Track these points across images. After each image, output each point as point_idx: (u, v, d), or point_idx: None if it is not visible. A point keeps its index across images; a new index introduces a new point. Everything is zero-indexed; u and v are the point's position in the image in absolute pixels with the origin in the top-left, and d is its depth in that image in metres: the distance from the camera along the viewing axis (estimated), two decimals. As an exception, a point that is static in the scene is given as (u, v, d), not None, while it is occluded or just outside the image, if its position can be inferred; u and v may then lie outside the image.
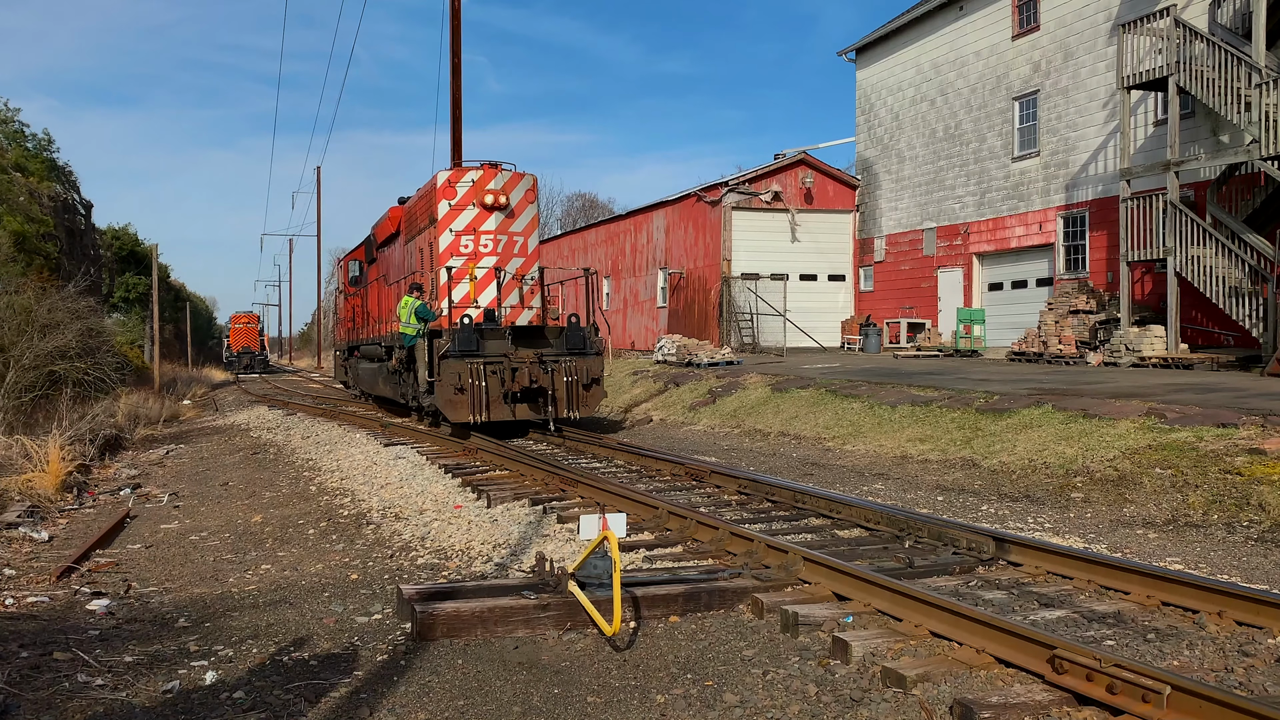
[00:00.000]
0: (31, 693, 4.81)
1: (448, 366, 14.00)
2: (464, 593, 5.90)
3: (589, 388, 14.83)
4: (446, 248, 15.49)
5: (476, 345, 14.10)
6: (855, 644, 4.97)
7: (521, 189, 15.91)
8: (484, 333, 14.40)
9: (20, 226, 26.65)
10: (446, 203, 15.48)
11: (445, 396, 14.02)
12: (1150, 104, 21.30)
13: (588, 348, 14.85)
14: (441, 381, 14.07)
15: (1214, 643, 5.02)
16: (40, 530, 9.53)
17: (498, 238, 15.64)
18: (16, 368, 17.42)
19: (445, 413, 14.11)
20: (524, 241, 15.93)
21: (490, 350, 14.29)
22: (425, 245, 16.58)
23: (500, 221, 15.65)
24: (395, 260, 19.70)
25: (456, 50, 21.32)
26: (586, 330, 14.99)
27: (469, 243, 15.51)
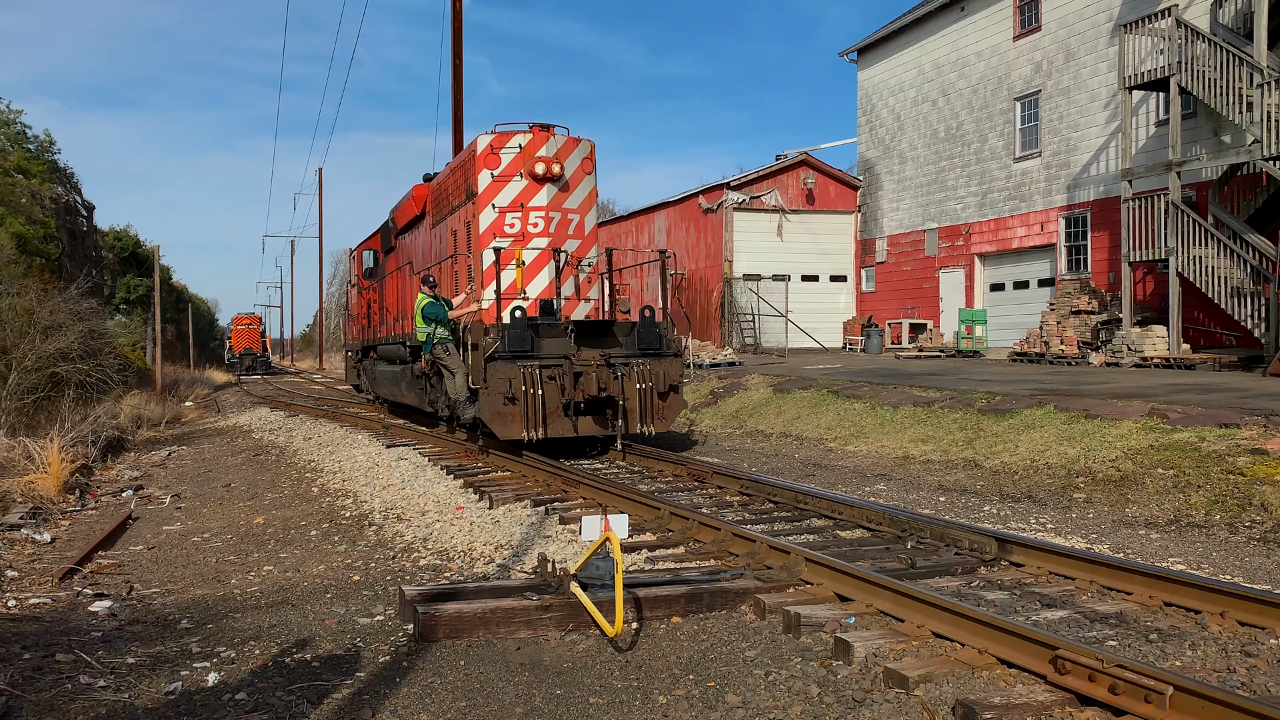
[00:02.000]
0: (34, 694, 4.82)
1: (496, 371, 11.45)
2: (466, 594, 5.91)
3: (665, 396, 12.24)
4: (488, 227, 13.02)
5: (531, 345, 11.60)
6: (857, 645, 4.96)
7: (577, 156, 13.30)
8: (539, 329, 11.82)
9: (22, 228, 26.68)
10: (488, 173, 12.98)
11: (493, 408, 11.48)
12: (1152, 104, 21.29)
13: (664, 347, 12.34)
14: (489, 390, 11.47)
15: (1216, 643, 5.01)
16: (42, 532, 9.54)
17: (550, 215, 13.08)
18: (19, 369, 17.44)
19: (492, 428, 11.55)
20: (580, 220, 13.36)
21: (547, 351, 11.76)
22: (460, 225, 14.01)
23: (553, 195, 13.09)
24: (420, 246, 17.10)
25: (458, 52, 21.34)
26: (663, 326, 12.39)
27: (515, 221, 13.00)
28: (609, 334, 12.37)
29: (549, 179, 13.02)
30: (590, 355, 11.82)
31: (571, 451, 12.76)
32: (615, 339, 12.32)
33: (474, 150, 13.28)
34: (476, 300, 13.06)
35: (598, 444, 12.98)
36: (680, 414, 12.79)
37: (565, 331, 11.95)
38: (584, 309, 13.44)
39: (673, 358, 12.43)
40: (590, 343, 12.08)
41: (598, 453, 12.90)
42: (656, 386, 12.08)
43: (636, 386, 11.94)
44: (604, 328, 12.43)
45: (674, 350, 12.51)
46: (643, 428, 11.98)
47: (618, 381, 11.80)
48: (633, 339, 12.27)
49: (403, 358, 16.94)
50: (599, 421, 12.03)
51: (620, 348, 12.23)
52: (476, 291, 13.12)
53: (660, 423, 12.16)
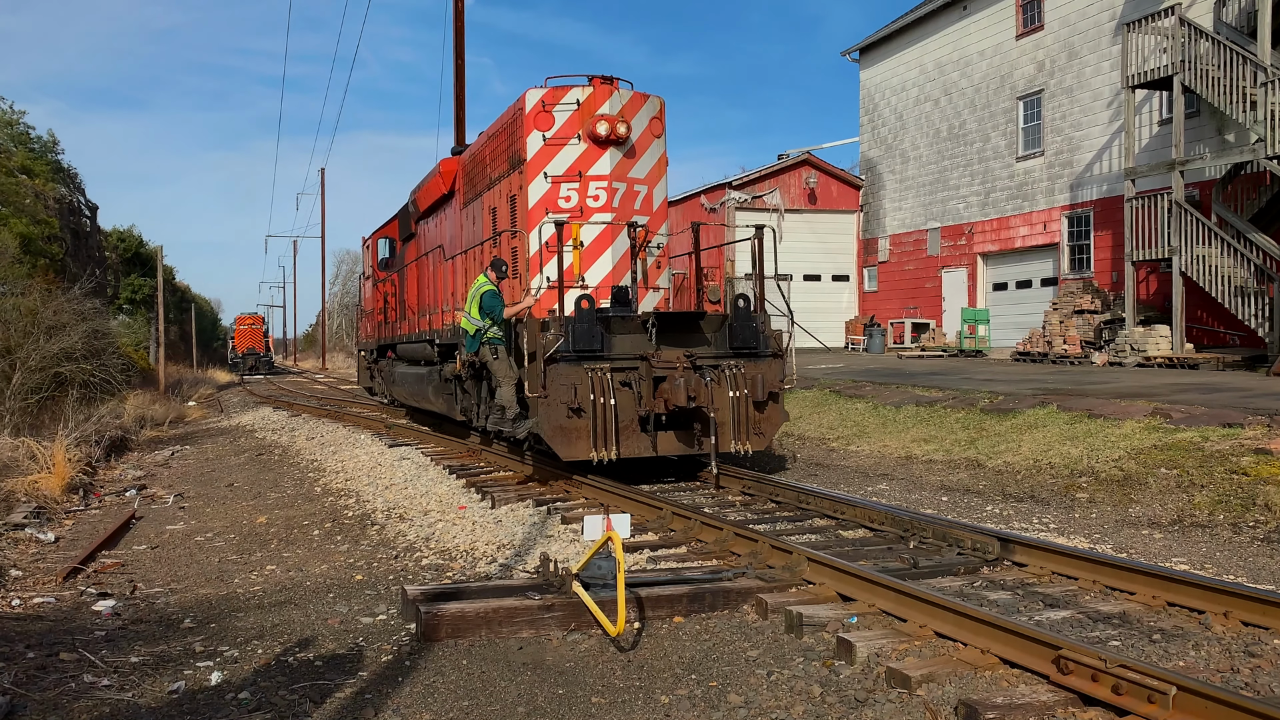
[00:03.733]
0: (38, 693, 4.83)
1: (558, 375, 9.35)
2: (468, 593, 5.91)
3: (763, 407, 10.05)
4: (539, 201, 10.78)
5: (601, 342, 9.55)
6: (859, 645, 4.96)
7: (645, 115, 11.05)
8: (610, 323, 9.70)
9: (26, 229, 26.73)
10: (539, 135, 10.77)
11: (554, 421, 9.31)
12: (1155, 103, 21.25)
13: (761, 346, 10.20)
14: (549, 400, 9.32)
15: (1220, 643, 5.01)
16: (46, 531, 9.56)
17: (613, 185, 10.80)
18: (23, 369, 17.47)
19: (553, 446, 9.38)
20: (648, 192, 11.16)
21: (619, 350, 9.69)
22: (502, 201, 11.89)
23: (617, 162, 10.84)
24: (449, 229, 14.92)
25: (460, 52, 21.35)
26: (760, 319, 10.27)
27: (571, 193, 10.76)
28: (695, 329, 10.16)
29: (612, 141, 10.74)
30: (672, 355, 9.65)
31: (642, 474, 10.52)
32: (702, 335, 10.18)
33: (521, 108, 10.94)
34: (525, 290, 10.96)
35: (670, 466, 10.98)
36: (780, 429, 10.52)
37: (643, 326, 9.87)
38: (652, 300, 11.28)
39: (771, 359, 10.27)
40: (670, 340, 9.92)
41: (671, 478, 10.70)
42: (753, 394, 9.90)
43: (729, 394, 9.74)
44: (689, 321, 10.17)
45: (773, 349, 10.34)
46: (737, 445, 9.80)
47: (707, 388, 9.50)
48: (723, 335, 10.14)
49: (428, 358, 14.87)
50: (683, 438, 9.80)
51: (708, 346, 10.13)
52: (524, 280, 11.08)
53: (758, 439, 10.00)
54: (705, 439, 9.69)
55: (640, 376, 9.60)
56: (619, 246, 10.91)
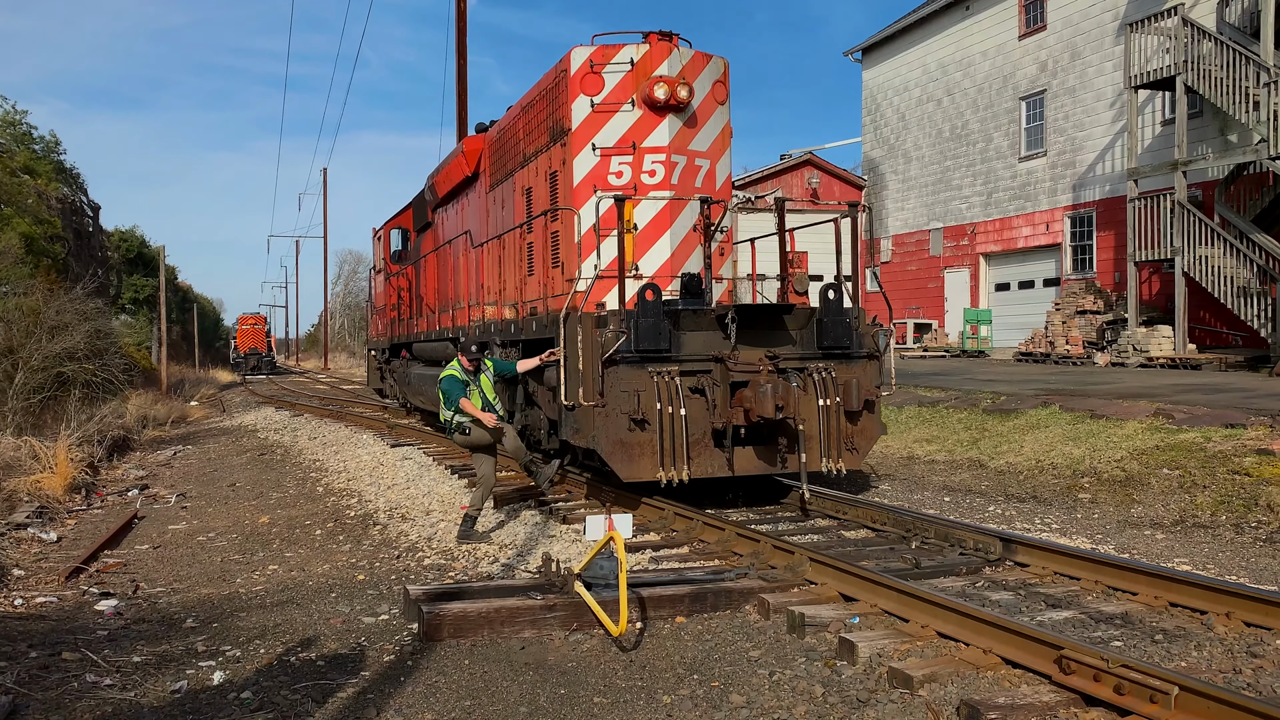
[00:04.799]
0: (40, 692, 4.83)
1: (618, 380, 7.97)
2: (470, 593, 5.92)
3: (856, 418, 8.61)
4: (586, 177, 9.28)
5: (669, 341, 8.14)
6: (862, 645, 4.96)
7: (708, 78, 9.60)
8: (679, 318, 8.26)
9: (28, 229, 26.76)
10: (586, 101, 9.32)
11: (613, 435, 7.94)
12: (1158, 103, 21.24)
13: (855, 345, 8.76)
14: (607, 410, 7.94)
15: (1222, 644, 5.00)
16: (49, 531, 9.57)
17: (672, 159, 9.31)
18: (25, 369, 17.49)
19: (612, 464, 8.00)
20: (710, 167, 9.65)
21: (690, 349, 8.25)
22: (539, 180, 10.33)
23: (676, 131, 9.35)
24: (472, 216, 13.42)
25: (462, 52, 21.36)
26: (853, 313, 8.82)
27: (624, 168, 9.27)
28: (778, 325, 8.61)
29: (671, 108, 9.25)
30: (752, 357, 8.27)
31: (703, 494, 9.06)
32: (786, 332, 8.64)
33: (564, 70, 9.48)
34: (568, 279, 9.48)
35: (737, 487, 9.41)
36: (875, 443, 9.06)
37: (717, 322, 8.35)
38: (715, 292, 9.74)
39: (866, 360, 8.84)
40: (747, 338, 8.37)
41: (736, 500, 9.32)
42: (846, 403, 8.44)
43: (819, 403, 8.35)
44: (773, 316, 8.60)
45: (868, 350, 8.89)
46: (826, 464, 8.34)
47: (793, 396, 8.11)
48: (809, 333, 8.66)
49: (448, 357, 13.39)
50: (764, 455, 8.38)
51: (793, 345, 8.60)
52: (566, 270, 9.55)
53: (850, 456, 8.56)
54: (790, 456, 8.33)
55: (714, 381, 8.20)
56: (679, 229, 9.32)
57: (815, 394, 8.39)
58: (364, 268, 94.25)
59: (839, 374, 8.57)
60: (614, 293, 8.47)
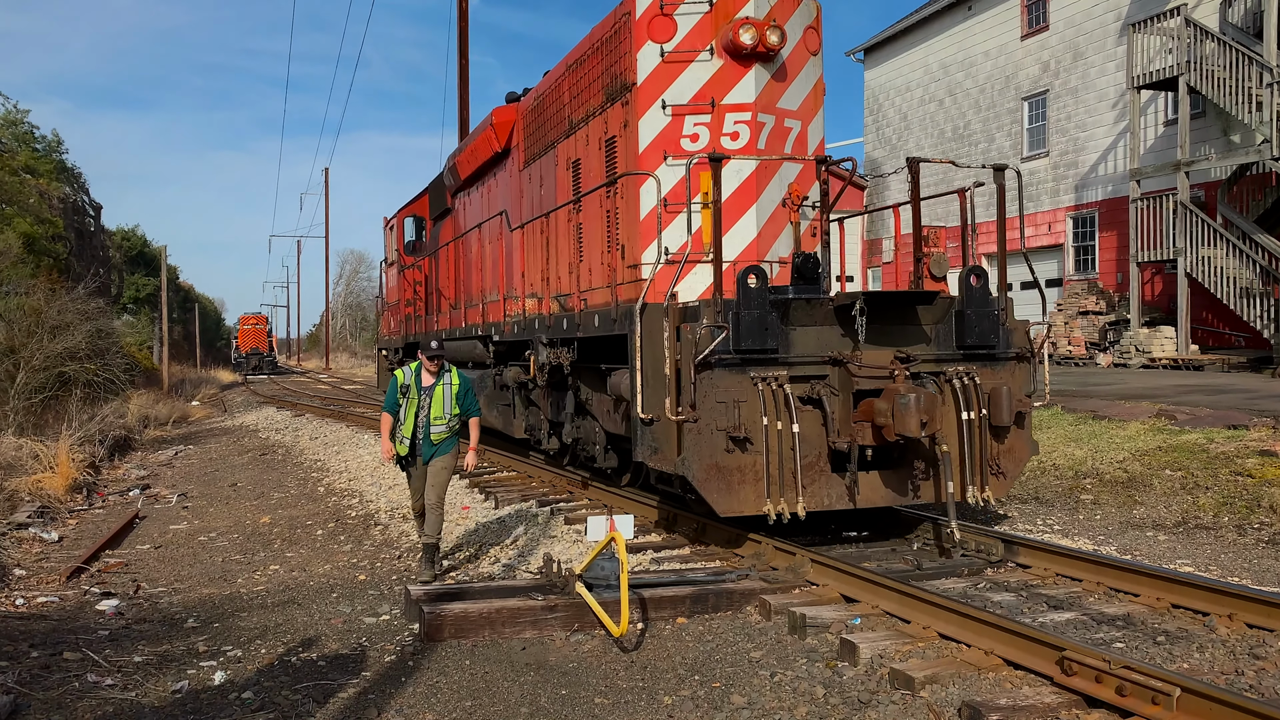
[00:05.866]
0: (42, 692, 4.83)
1: (713, 387, 6.50)
2: (471, 594, 5.92)
3: (1003, 434, 7.14)
4: (655, 140, 7.78)
5: (777, 337, 6.64)
6: (863, 646, 4.96)
7: (799, 22, 8.08)
8: (788, 310, 6.76)
9: (30, 228, 26.78)
10: (655, 48, 7.78)
11: (707, 458, 6.45)
12: (1160, 104, 21.21)
13: (1001, 344, 7.24)
14: (700, 426, 6.45)
15: (1224, 645, 4.99)
16: (50, 531, 9.57)
17: (759, 119, 7.77)
18: (27, 369, 17.50)
19: (705, 493, 6.47)
20: (802, 130, 8.16)
21: (801, 349, 6.78)
22: (590, 150, 8.84)
23: (764, 86, 7.81)
24: (501, 198, 11.80)
25: (464, 52, 21.37)
26: (996, 302, 7.28)
27: (700, 129, 7.76)
28: (909, 318, 7.12)
29: (759, 55, 7.67)
30: (879, 358, 6.74)
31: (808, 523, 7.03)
32: (918, 327, 7.13)
33: (627, 12, 8.01)
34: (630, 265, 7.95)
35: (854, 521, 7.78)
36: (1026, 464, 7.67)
37: (840, 315, 6.86)
38: None
39: (1014, 363, 7.31)
40: (872, 334, 6.85)
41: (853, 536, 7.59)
42: (994, 416, 6.98)
43: (962, 417, 6.92)
44: (905, 307, 7.11)
45: (1016, 349, 7.34)
46: (971, 493, 6.98)
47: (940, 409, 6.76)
48: (947, 328, 7.17)
49: (477, 359, 12.16)
50: (893, 481, 6.95)
51: (927, 343, 7.11)
52: (629, 254, 7.97)
53: (998, 482, 7.11)
54: (924, 483, 6.92)
55: (833, 389, 6.72)
56: (766, 204, 7.78)
57: (956, 405, 6.92)
58: (365, 268, 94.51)
59: (983, 380, 7.07)
60: (688, 281, 6.95)
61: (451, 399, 7.19)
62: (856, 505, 6.83)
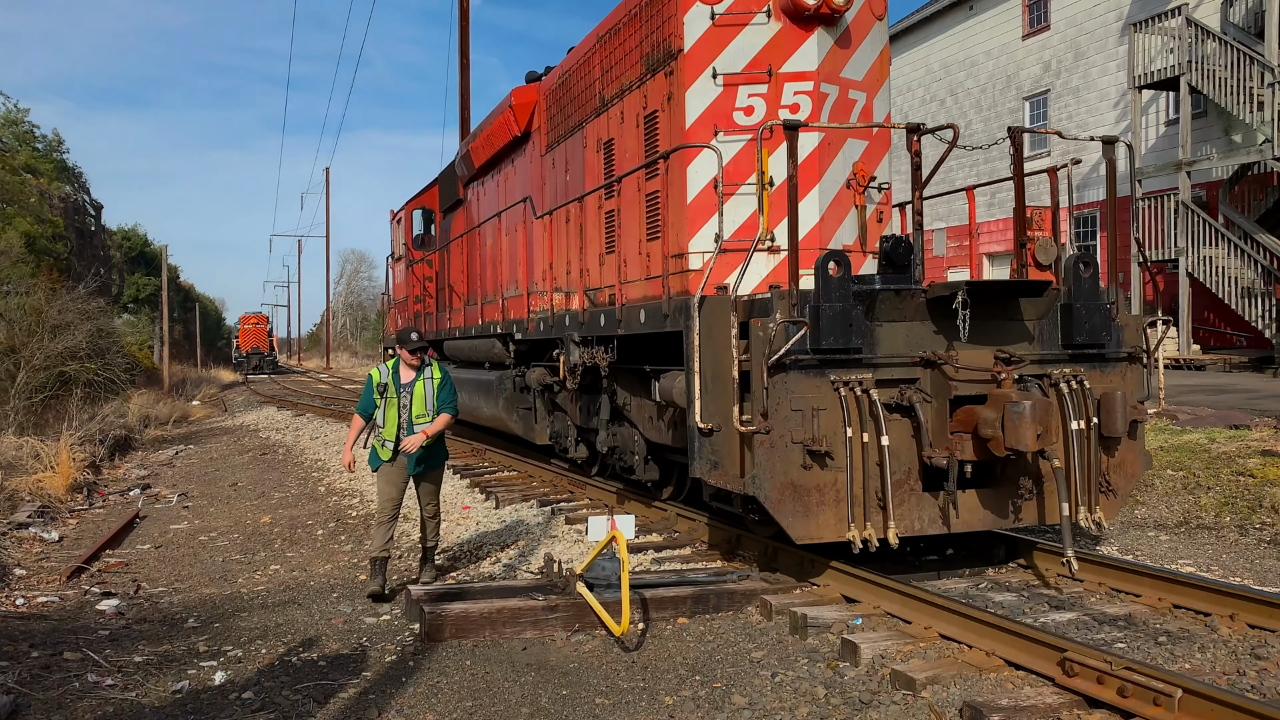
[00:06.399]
0: (42, 692, 4.83)
1: (787, 393, 5.76)
2: (472, 594, 5.91)
3: (1114, 447, 6.40)
4: (704, 114, 7.07)
5: (862, 334, 5.88)
6: (864, 646, 4.95)
7: None
8: (875, 303, 6.00)
9: (31, 228, 26.80)
10: (704, 10, 7.08)
11: (780, 475, 5.73)
12: (1162, 104, 21.20)
13: (1111, 343, 6.48)
14: (773, 438, 5.72)
15: (1226, 646, 4.99)
16: (50, 530, 9.57)
17: (822, 90, 7.06)
18: (27, 369, 17.51)
19: (778, 516, 5.76)
20: (867, 102, 7.53)
21: (888, 348, 6.02)
22: (626, 128, 8.13)
23: (828, 52, 7.11)
24: (519, 186, 11.12)
25: (465, 51, 21.37)
26: (1105, 294, 6.53)
27: (756, 101, 7.02)
28: (1011, 312, 6.36)
29: (823, 17, 6.99)
30: (977, 358, 6.01)
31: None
32: (1019, 323, 6.36)
33: None
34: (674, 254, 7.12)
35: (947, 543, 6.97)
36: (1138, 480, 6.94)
37: (933, 308, 6.08)
38: (871, 266, 7.33)
39: (1126, 365, 6.56)
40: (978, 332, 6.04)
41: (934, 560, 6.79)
42: (1106, 425, 6.25)
43: (1070, 427, 6.11)
44: (1009, 298, 6.38)
45: (1128, 349, 6.60)
46: (1085, 515, 6.22)
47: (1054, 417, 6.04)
48: (1051, 323, 6.40)
49: (496, 359, 11.45)
50: (992, 502, 6.18)
51: (1029, 342, 6.32)
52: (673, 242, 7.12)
53: (1109, 502, 6.36)
54: (1026, 503, 6.20)
55: (925, 395, 5.96)
56: (829, 184, 7.03)
57: (1063, 413, 6.08)
58: (366, 267, 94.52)
59: (1092, 383, 6.28)
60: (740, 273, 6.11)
61: (434, 394, 6.77)
62: (951, 529, 6.08)
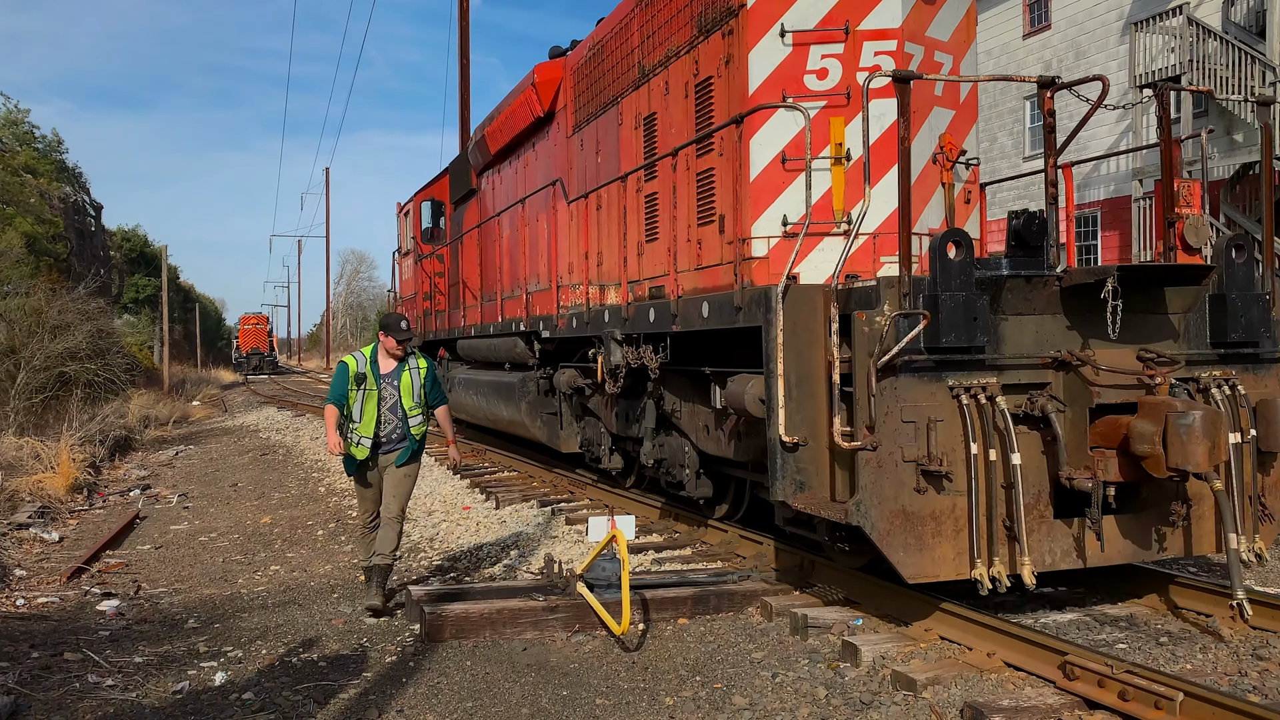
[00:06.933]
0: (42, 693, 4.83)
1: (897, 400, 4.93)
2: (472, 594, 5.91)
3: (1269, 464, 5.63)
4: (771, 78, 6.25)
5: (988, 330, 5.03)
6: (865, 647, 4.94)
7: None
8: (1001, 293, 5.19)
9: (30, 228, 26.80)
10: None
11: (891, 502, 4.90)
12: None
13: (1267, 342, 5.69)
14: (880, 455, 4.89)
15: (1228, 646, 4.98)
16: (50, 531, 9.56)
17: (906, 51, 6.31)
18: (27, 369, 17.51)
19: (887, 549, 4.92)
20: (953, 65, 6.76)
21: (1014, 346, 5.19)
22: (671, 101, 7.32)
23: (912, 7, 6.34)
24: (543, 171, 10.30)
25: (465, 51, 21.36)
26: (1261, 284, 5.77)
27: (830, 64, 6.22)
28: (1155, 303, 5.55)
29: None
30: (1118, 358, 5.18)
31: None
32: (1164, 316, 5.56)
33: None
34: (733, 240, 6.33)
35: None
36: None
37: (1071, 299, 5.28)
38: None
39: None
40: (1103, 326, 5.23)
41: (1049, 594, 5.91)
42: (1266, 439, 5.47)
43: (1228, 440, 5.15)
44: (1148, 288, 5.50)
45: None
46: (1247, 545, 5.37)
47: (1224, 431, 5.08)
48: (1199, 317, 5.59)
49: (516, 359, 10.72)
50: (1134, 530, 5.34)
51: (1174, 339, 5.51)
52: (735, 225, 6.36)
53: (1268, 529, 5.60)
54: (1170, 531, 5.37)
55: (1059, 403, 5.10)
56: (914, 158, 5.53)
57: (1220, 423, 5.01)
58: (366, 268, 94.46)
59: (1247, 388, 5.42)
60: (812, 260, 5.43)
61: (422, 385, 6.37)
62: (1087, 564, 5.23)
